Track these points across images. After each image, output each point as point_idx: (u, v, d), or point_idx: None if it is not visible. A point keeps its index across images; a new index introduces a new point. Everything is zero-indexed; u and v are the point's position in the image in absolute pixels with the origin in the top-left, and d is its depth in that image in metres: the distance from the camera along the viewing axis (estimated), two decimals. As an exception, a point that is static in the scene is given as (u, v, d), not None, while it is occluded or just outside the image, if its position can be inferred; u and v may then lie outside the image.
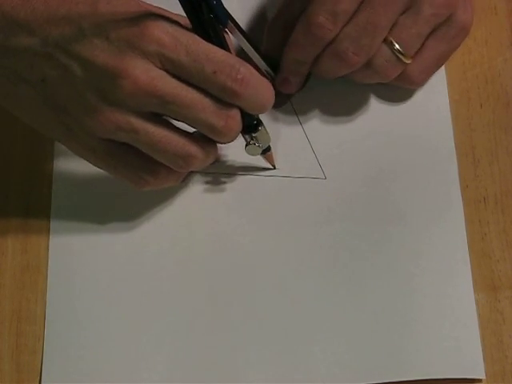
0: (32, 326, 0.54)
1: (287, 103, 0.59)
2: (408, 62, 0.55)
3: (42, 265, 0.56)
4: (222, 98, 0.48)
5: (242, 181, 0.57)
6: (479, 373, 0.52)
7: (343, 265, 0.55)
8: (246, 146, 0.54)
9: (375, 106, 0.59)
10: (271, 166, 0.57)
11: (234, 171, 0.58)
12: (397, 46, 0.54)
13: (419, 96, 0.59)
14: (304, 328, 0.53)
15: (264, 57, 0.56)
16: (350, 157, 0.58)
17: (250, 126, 0.53)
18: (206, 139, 0.51)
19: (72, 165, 0.58)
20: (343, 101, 0.59)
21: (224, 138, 0.50)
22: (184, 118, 0.49)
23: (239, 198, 0.57)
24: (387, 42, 0.54)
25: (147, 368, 0.53)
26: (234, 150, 0.57)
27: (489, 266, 0.55)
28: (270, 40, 0.57)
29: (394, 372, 0.52)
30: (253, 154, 0.55)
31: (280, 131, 0.58)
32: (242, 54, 0.54)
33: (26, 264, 0.56)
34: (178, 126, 0.51)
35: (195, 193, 0.57)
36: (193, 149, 0.50)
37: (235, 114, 0.49)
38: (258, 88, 0.49)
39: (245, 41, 0.53)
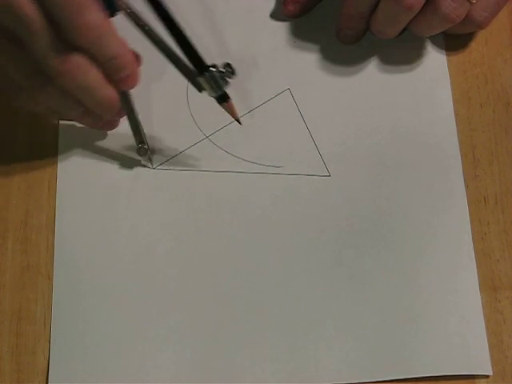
0: (32, 325, 0.54)
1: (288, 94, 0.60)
2: (473, 1, 0.55)
3: (41, 265, 0.56)
4: (66, 34, 0.47)
5: (246, 179, 0.57)
6: (486, 369, 0.52)
7: (349, 262, 0.55)
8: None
9: (379, 103, 0.59)
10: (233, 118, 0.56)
11: (238, 169, 0.58)
12: None
13: (423, 93, 0.59)
14: (310, 326, 0.53)
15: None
16: (355, 154, 0.58)
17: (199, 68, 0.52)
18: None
19: (76, 162, 0.58)
20: (347, 98, 0.60)
21: (62, 81, 0.49)
22: (28, 43, 0.47)
23: (244, 196, 0.57)
24: None
25: (154, 366, 0.53)
26: (238, 149, 0.58)
27: (489, 265, 0.55)
28: None
29: (400, 369, 0.52)
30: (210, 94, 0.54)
31: (284, 129, 0.59)
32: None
33: (26, 264, 0.56)
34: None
35: (199, 191, 0.57)
36: (41, 80, 0.49)
37: (76, 60, 0.48)
38: (105, 42, 0.48)
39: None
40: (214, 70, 0.53)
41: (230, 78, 0.53)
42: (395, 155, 0.58)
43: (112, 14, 0.49)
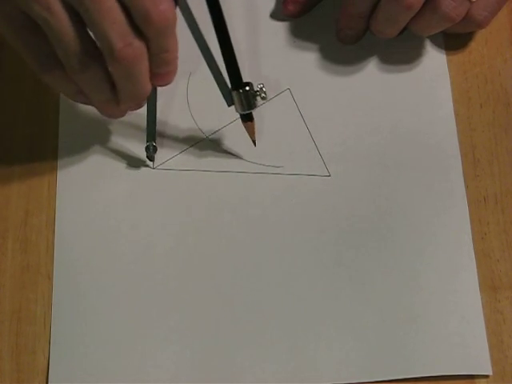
0: (32, 326, 0.54)
1: (287, 93, 0.60)
2: (473, 0, 0.55)
3: (41, 265, 0.56)
4: (135, 20, 0.46)
5: (246, 179, 0.57)
6: (486, 369, 0.52)
7: (349, 262, 0.55)
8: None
9: (379, 103, 0.59)
10: (251, 139, 0.57)
11: (238, 169, 0.58)
12: None
13: (423, 93, 0.60)
14: (310, 326, 0.53)
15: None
16: (355, 154, 0.58)
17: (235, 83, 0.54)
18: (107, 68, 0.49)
19: (76, 162, 0.58)
20: (347, 98, 0.60)
21: (116, 65, 0.48)
22: (92, 22, 0.46)
23: (244, 196, 0.57)
24: None
25: (154, 366, 0.53)
26: (238, 149, 0.58)
27: (489, 265, 0.55)
28: None
29: (400, 369, 0.52)
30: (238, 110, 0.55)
31: (284, 129, 0.59)
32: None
33: (26, 264, 0.56)
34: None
35: (200, 191, 0.57)
36: (88, 57, 0.48)
37: (138, 47, 0.47)
38: (168, 34, 0.48)
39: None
40: (248, 88, 0.54)
41: (261, 99, 0.54)
42: (395, 155, 0.58)
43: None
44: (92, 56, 0.48)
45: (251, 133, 0.57)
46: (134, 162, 0.58)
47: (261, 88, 0.54)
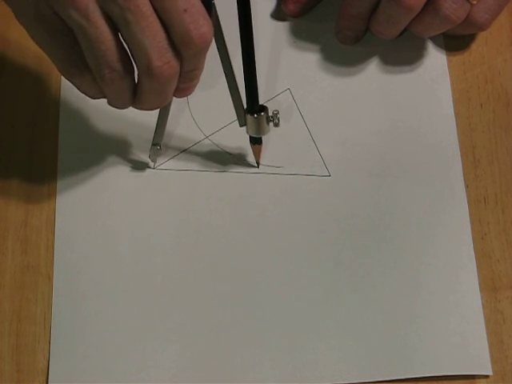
0: (32, 326, 0.54)
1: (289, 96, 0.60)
2: (474, 2, 0.55)
3: (41, 265, 0.56)
4: (175, 39, 0.46)
5: (246, 179, 0.57)
6: (486, 369, 0.52)
7: (349, 262, 0.55)
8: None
9: (379, 103, 0.59)
10: (255, 161, 0.58)
11: (238, 170, 0.58)
12: None
13: (423, 93, 0.60)
14: (310, 326, 0.53)
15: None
16: (355, 154, 0.58)
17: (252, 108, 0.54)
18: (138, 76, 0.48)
19: (76, 162, 0.58)
20: (347, 98, 0.60)
21: (150, 80, 0.48)
22: (131, 36, 0.46)
23: (244, 196, 0.57)
24: None
25: (154, 366, 0.52)
26: (238, 149, 0.58)
27: (489, 265, 0.55)
28: None
29: (401, 369, 0.52)
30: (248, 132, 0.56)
31: (284, 129, 0.58)
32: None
33: (26, 264, 0.56)
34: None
35: (200, 191, 0.57)
36: (120, 67, 0.47)
37: (175, 65, 0.47)
38: (204, 55, 0.48)
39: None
40: (263, 114, 0.54)
41: (274, 125, 0.55)
42: (395, 155, 0.58)
43: None
44: (123, 67, 0.47)
45: (257, 155, 0.57)
46: (134, 162, 0.58)
47: (275, 114, 0.55)
